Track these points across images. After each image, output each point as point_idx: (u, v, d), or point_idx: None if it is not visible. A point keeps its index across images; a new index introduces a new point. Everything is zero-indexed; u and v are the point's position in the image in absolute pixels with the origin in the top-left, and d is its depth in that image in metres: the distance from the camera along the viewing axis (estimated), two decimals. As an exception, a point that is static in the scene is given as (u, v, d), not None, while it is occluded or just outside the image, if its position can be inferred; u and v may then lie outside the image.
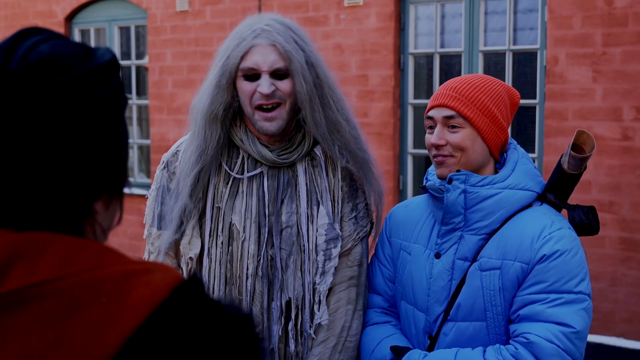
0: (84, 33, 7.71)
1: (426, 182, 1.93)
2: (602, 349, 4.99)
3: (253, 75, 1.84)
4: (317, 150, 1.95)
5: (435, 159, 1.86)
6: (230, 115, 1.90)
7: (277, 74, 1.84)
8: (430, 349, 1.86)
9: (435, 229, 1.92)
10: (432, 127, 1.87)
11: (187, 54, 6.92)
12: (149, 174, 7.42)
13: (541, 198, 1.88)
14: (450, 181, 1.82)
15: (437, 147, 1.84)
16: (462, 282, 1.82)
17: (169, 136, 7.02)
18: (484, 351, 1.76)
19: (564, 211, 1.93)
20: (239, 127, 1.92)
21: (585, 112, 5.05)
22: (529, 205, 1.84)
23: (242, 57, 1.83)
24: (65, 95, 0.82)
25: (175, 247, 1.95)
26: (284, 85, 1.84)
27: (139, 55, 7.51)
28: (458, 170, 1.82)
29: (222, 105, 1.86)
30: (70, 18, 7.71)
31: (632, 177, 4.95)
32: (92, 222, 0.90)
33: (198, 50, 6.84)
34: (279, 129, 1.86)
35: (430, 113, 1.87)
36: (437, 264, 1.86)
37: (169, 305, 0.82)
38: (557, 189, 1.88)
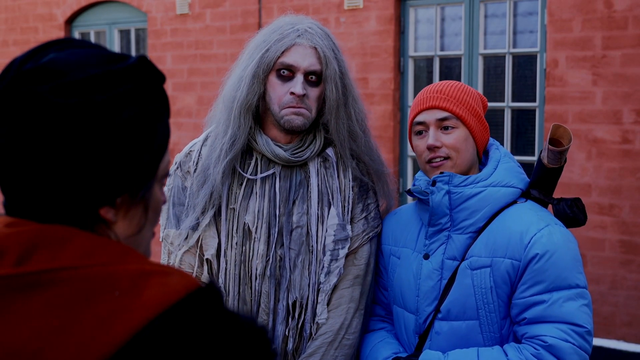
0: (84, 36, 7.71)
1: (412, 187, 1.96)
2: (602, 352, 4.99)
3: (287, 76, 1.89)
4: (330, 152, 2.00)
5: (431, 163, 1.88)
6: (260, 106, 1.96)
7: (311, 78, 1.90)
8: (418, 347, 1.88)
9: (422, 231, 1.94)
10: (421, 132, 1.90)
11: (187, 57, 6.93)
12: (148, 177, 7.42)
13: (525, 195, 1.91)
14: (434, 183, 1.85)
15: (434, 149, 1.86)
16: (451, 281, 1.84)
17: (169, 139, 7.01)
18: (505, 352, 1.77)
19: (550, 206, 1.96)
20: (254, 130, 1.96)
21: (585, 115, 5.06)
22: (514, 202, 1.87)
23: (283, 53, 1.89)
24: (49, 100, 0.84)
25: (196, 244, 1.97)
26: (314, 92, 1.91)
27: (139, 58, 7.51)
28: (441, 173, 1.85)
29: (257, 96, 1.92)
30: (70, 21, 7.72)
31: (632, 180, 4.94)
32: (105, 231, 0.91)
33: (198, 54, 6.85)
34: (303, 125, 1.91)
35: (420, 117, 1.90)
36: (426, 265, 1.88)
37: (182, 307, 0.84)
38: (540, 185, 1.91)
